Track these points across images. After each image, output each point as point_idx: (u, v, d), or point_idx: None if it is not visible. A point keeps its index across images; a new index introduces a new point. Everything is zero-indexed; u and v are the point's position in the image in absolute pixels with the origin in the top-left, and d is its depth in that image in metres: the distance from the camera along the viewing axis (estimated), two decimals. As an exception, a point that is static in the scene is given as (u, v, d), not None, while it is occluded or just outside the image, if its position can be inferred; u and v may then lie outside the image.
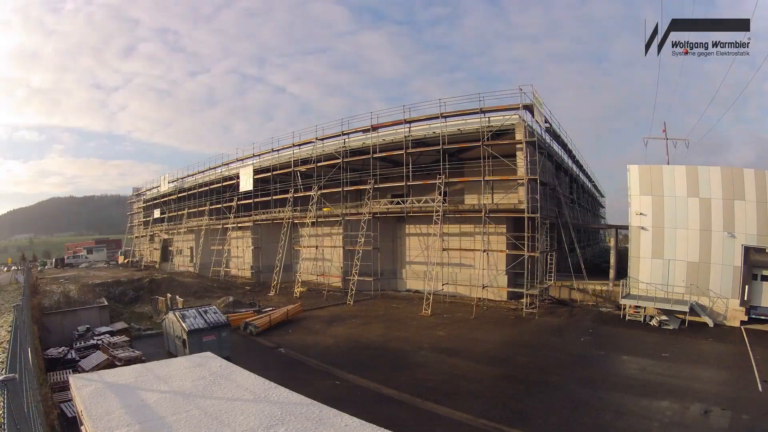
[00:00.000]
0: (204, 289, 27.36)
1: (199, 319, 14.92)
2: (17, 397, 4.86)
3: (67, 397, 10.43)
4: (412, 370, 13.58)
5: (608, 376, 12.86)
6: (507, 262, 23.62)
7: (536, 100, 21.55)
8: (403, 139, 25.23)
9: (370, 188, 26.92)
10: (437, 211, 23.55)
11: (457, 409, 10.59)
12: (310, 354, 15.62)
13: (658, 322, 17.80)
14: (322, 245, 30.17)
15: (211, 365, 8.26)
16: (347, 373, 13.49)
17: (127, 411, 6.08)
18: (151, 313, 22.12)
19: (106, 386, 7.18)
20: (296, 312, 21.56)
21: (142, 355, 14.08)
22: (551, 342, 16.32)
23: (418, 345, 16.24)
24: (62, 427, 9.42)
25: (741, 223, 18.43)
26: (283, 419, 5.67)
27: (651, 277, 19.96)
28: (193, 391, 6.88)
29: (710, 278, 18.87)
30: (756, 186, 18.34)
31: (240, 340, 17.41)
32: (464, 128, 23.35)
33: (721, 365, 13.38)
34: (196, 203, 42.79)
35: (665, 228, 19.86)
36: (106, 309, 19.60)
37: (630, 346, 15.52)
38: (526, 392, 11.75)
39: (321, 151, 29.19)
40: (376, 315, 21.65)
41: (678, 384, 11.85)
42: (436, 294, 23.14)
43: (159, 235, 50.77)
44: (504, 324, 19.28)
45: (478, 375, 13.09)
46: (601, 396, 11.29)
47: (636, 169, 20.63)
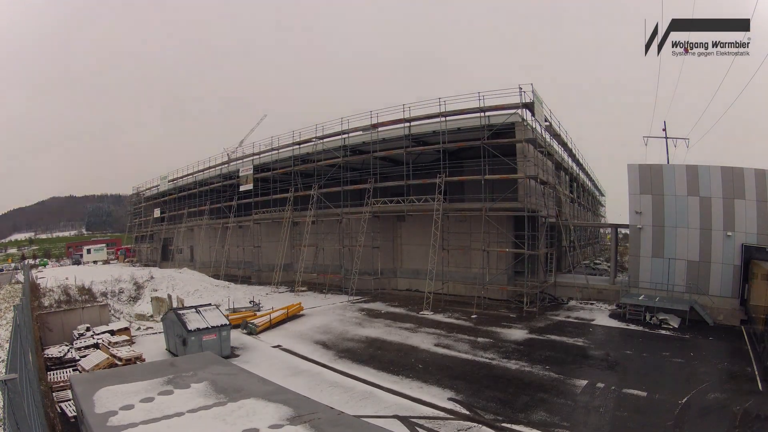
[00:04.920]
0: (204, 288, 27.30)
1: (200, 318, 14.92)
2: (18, 397, 4.86)
3: (68, 397, 10.45)
4: (412, 365, 13.58)
5: (607, 370, 12.86)
6: (507, 260, 23.63)
7: (536, 99, 21.53)
8: (403, 138, 25.23)
9: (370, 187, 26.91)
10: (437, 210, 23.55)
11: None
12: (310, 353, 15.63)
13: (659, 320, 17.81)
14: (322, 244, 30.18)
15: (211, 365, 8.25)
16: (348, 372, 13.50)
17: (128, 410, 6.07)
18: (151, 313, 22.10)
19: (106, 386, 7.17)
20: (296, 311, 21.56)
21: (142, 354, 14.09)
22: (551, 341, 16.32)
23: (417, 343, 16.24)
24: (62, 426, 9.43)
25: (741, 222, 18.45)
26: (285, 419, 5.67)
27: (651, 275, 19.98)
28: (194, 390, 6.87)
29: (710, 277, 18.89)
30: (756, 185, 18.36)
31: (240, 339, 17.40)
32: (464, 127, 23.34)
33: (721, 364, 13.38)
34: (196, 202, 42.78)
35: (665, 227, 19.87)
36: (106, 308, 19.61)
37: (629, 344, 15.53)
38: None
39: (321, 150, 29.17)
40: (377, 314, 21.65)
41: (678, 383, 11.85)
42: (437, 293, 23.14)
43: (159, 234, 50.79)
44: (503, 324, 19.26)
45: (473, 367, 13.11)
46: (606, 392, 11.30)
47: (636, 168, 20.64)
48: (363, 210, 26.94)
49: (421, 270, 25.44)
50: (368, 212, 26.64)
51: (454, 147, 23.97)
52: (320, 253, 30.14)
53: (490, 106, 21.88)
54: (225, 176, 38.43)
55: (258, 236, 35.37)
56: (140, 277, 26.87)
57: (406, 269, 28.46)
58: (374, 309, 22.86)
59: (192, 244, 44.78)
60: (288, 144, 31.14)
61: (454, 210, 24.55)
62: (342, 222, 29.22)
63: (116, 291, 25.05)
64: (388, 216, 28.05)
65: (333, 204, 29.26)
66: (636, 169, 20.59)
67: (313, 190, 29.81)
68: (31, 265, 51.32)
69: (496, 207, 22.62)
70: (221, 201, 39.11)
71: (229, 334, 15.28)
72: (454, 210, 24.55)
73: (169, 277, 27.82)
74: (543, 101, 22.81)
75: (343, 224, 29.29)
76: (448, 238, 24.57)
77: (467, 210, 24.26)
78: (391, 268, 28.85)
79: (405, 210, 25.76)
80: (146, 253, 54.44)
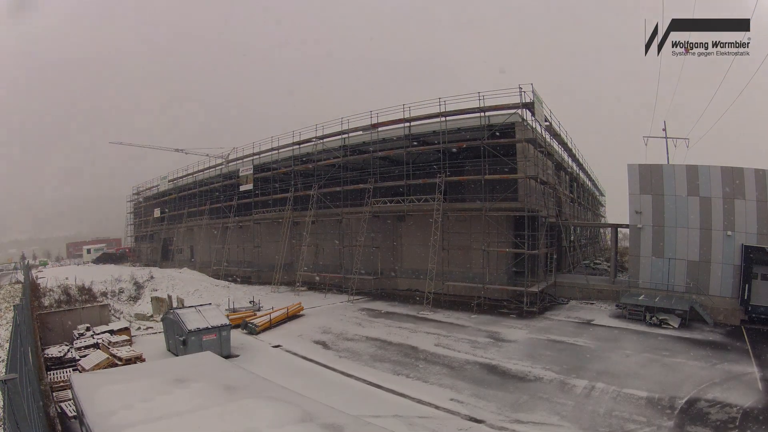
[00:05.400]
0: (204, 288, 27.29)
1: (200, 318, 14.91)
2: (18, 397, 4.86)
3: (68, 396, 10.44)
4: (413, 365, 13.59)
5: (607, 370, 12.86)
6: (507, 260, 23.62)
7: (537, 99, 21.53)
8: (403, 138, 25.23)
9: (370, 187, 26.91)
10: (437, 210, 23.55)
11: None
12: (310, 353, 15.62)
13: (659, 320, 17.81)
14: (322, 244, 30.18)
15: (211, 365, 8.26)
16: (348, 372, 13.50)
17: (128, 410, 6.07)
18: (151, 313, 22.10)
19: (106, 386, 7.17)
20: (297, 311, 21.56)
21: (142, 354, 14.08)
22: (551, 341, 16.32)
23: (417, 343, 16.25)
24: (62, 426, 9.43)
25: (741, 221, 18.44)
26: (285, 419, 5.66)
27: (651, 275, 19.98)
28: (194, 390, 6.87)
29: (710, 277, 18.88)
30: (756, 185, 18.35)
31: (240, 339, 17.40)
32: (464, 127, 23.34)
33: (721, 364, 13.37)
34: (196, 202, 42.79)
35: (665, 227, 19.86)
36: (106, 308, 19.61)
37: (629, 344, 15.52)
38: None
39: (321, 150, 29.17)
40: (377, 314, 21.65)
41: (678, 382, 11.85)
42: (436, 293, 23.14)
43: (159, 234, 50.79)
44: (503, 324, 19.26)
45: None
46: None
47: (636, 168, 20.64)
48: (363, 210, 26.94)
49: (421, 270, 25.42)
50: (368, 212, 26.64)
51: (454, 147, 23.97)
52: (320, 253, 30.14)
53: (490, 106, 21.86)
54: (225, 176, 38.43)
55: (258, 236, 35.38)
56: (140, 277, 26.87)
57: (406, 269, 28.44)
58: (374, 309, 22.86)
59: (192, 244, 44.78)
60: (288, 144, 31.11)
61: (454, 210, 24.54)
62: (342, 222, 29.22)
63: (116, 291, 25.04)
64: (388, 216, 28.04)
65: (333, 204, 29.26)
66: (636, 169, 20.58)
67: (313, 190, 29.80)
68: (31, 265, 51.29)
69: (496, 207, 22.62)
70: (221, 201, 39.10)
71: (229, 334, 15.28)
72: (454, 210, 24.54)
73: (169, 277, 27.84)
74: (543, 101, 22.82)
75: (343, 224, 29.29)
76: (448, 238, 24.56)
77: (467, 210, 24.25)
78: (391, 268, 28.84)
79: (405, 210, 25.76)
80: (146, 253, 54.44)
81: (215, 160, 41.21)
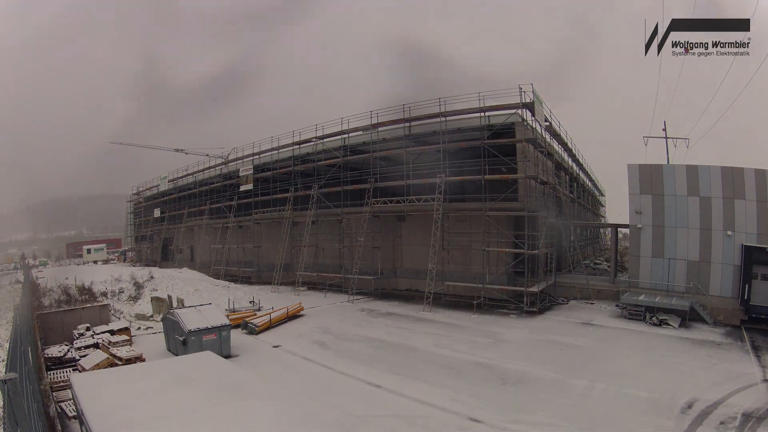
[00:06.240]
0: (204, 288, 27.27)
1: (199, 318, 14.91)
2: (17, 396, 4.86)
3: (68, 396, 10.44)
4: (413, 365, 13.59)
5: (607, 370, 12.86)
6: (507, 260, 23.61)
7: (537, 99, 21.53)
8: (403, 138, 25.22)
9: (370, 187, 26.91)
10: (437, 210, 23.54)
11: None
12: (310, 353, 15.62)
13: (659, 320, 17.81)
14: (322, 244, 30.17)
15: (211, 365, 8.25)
16: (348, 372, 13.49)
17: (128, 410, 6.07)
18: (151, 313, 22.10)
19: (106, 385, 7.17)
20: (297, 311, 21.55)
21: (142, 354, 14.08)
22: (551, 341, 16.32)
23: (417, 343, 16.24)
24: (62, 426, 9.42)
25: (741, 222, 18.43)
26: (285, 419, 5.66)
27: (651, 275, 19.98)
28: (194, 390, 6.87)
29: (710, 277, 18.87)
30: (756, 185, 18.34)
31: (240, 339, 17.40)
32: (464, 127, 23.34)
33: (721, 364, 13.37)
34: (196, 202, 42.79)
35: (665, 227, 19.86)
36: (106, 308, 19.61)
37: (629, 344, 15.52)
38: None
39: (321, 150, 29.17)
40: (377, 314, 21.65)
41: (678, 383, 11.85)
42: (436, 293, 23.13)
43: (159, 234, 50.79)
44: (503, 324, 19.27)
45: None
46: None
47: (636, 168, 20.63)
48: (363, 210, 26.94)
49: (421, 270, 25.41)
50: (368, 212, 26.64)
51: (454, 147, 23.97)
52: (320, 252, 30.12)
53: (490, 106, 21.87)
54: (225, 176, 38.44)
55: (258, 236, 35.36)
56: (140, 277, 26.84)
57: (406, 269, 28.44)
58: (374, 309, 22.86)
59: (192, 244, 44.77)
60: (288, 144, 31.13)
61: (454, 210, 24.53)
62: (342, 222, 29.22)
63: (116, 291, 25.04)
64: (388, 216, 28.04)
65: (333, 204, 29.25)
66: (636, 169, 20.57)
67: (313, 190, 29.80)
68: (31, 265, 51.30)
69: (496, 207, 22.61)
70: (221, 201, 39.08)
71: (229, 334, 15.27)
72: (454, 210, 24.53)
73: (169, 276, 27.81)
74: (543, 101, 22.82)
75: (343, 224, 29.28)
76: (448, 238, 24.55)
77: (467, 210, 24.24)
78: (391, 268, 28.83)
79: (405, 210, 25.75)
80: (146, 253, 54.43)
81: (215, 160, 41.20)
